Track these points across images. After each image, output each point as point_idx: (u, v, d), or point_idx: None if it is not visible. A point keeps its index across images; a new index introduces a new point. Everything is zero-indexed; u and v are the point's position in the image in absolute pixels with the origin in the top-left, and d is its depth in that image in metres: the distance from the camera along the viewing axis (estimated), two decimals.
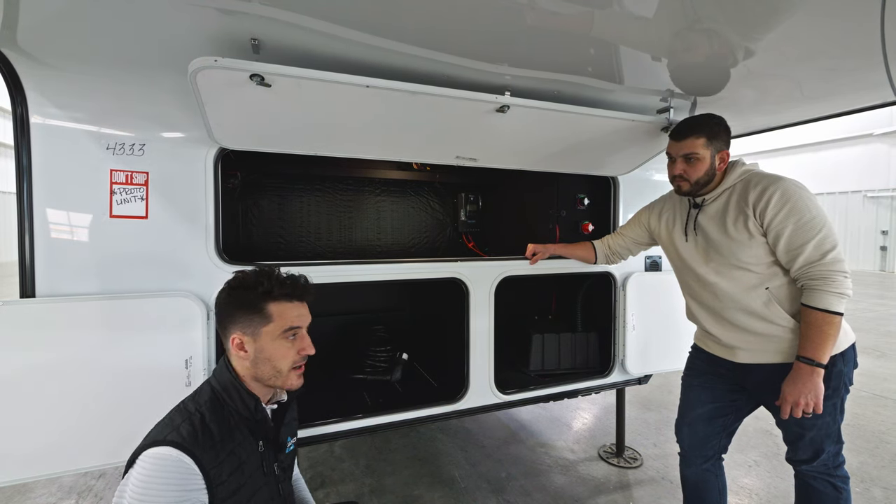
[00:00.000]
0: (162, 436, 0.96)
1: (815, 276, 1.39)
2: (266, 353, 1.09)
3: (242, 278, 1.12)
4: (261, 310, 1.09)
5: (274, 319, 1.09)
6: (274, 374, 1.10)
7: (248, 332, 1.09)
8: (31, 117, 1.44)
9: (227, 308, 1.11)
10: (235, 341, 1.09)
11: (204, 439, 0.98)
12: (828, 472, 1.51)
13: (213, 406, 1.05)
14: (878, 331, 6.44)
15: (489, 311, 2.12)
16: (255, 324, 1.09)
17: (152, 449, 0.94)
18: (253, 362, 1.09)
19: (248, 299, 1.09)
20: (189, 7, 1.17)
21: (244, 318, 1.08)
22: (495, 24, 1.26)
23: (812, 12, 1.17)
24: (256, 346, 1.08)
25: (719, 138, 1.54)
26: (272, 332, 1.09)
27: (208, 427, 1.00)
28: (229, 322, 1.10)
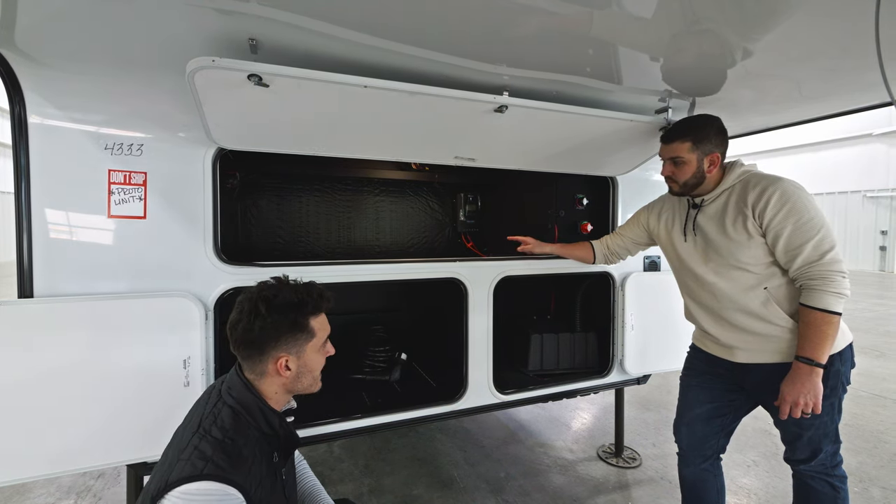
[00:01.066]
0: (198, 470, 0.91)
1: (813, 276, 1.39)
2: (308, 366, 1.12)
3: (284, 300, 1.08)
4: (305, 327, 1.09)
5: (316, 334, 1.12)
6: (311, 384, 1.14)
7: (294, 351, 1.09)
8: (29, 117, 1.44)
9: (270, 332, 1.06)
10: (282, 363, 1.07)
11: (239, 464, 0.96)
12: (826, 471, 1.51)
13: (238, 428, 1.02)
14: (878, 331, 6.44)
15: (488, 310, 2.12)
16: (301, 342, 1.09)
17: (192, 485, 0.89)
18: (294, 378, 1.10)
19: (295, 320, 1.08)
20: (187, 7, 1.17)
21: (290, 339, 1.08)
22: (494, 25, 1.26)
23: (810, 13, 1.18)
24: (300, 362, 1.10)
25: (708, 141, 1.54)
26: (315, 345, 1.12)
27: (241, 451, 0.98)
28: (272, 345, 1.07)
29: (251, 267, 1.70)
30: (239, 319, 1.08)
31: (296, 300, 1.09)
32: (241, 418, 1.04)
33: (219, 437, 0.98)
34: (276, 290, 1.09)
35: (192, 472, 0.91)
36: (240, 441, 0.99)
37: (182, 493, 0.88)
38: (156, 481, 0.93)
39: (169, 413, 1.56)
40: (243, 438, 1.01)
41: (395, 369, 2.50)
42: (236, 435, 1.00)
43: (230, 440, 0.98)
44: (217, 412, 1.04)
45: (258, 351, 1.07)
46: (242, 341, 1.07)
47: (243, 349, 1.08)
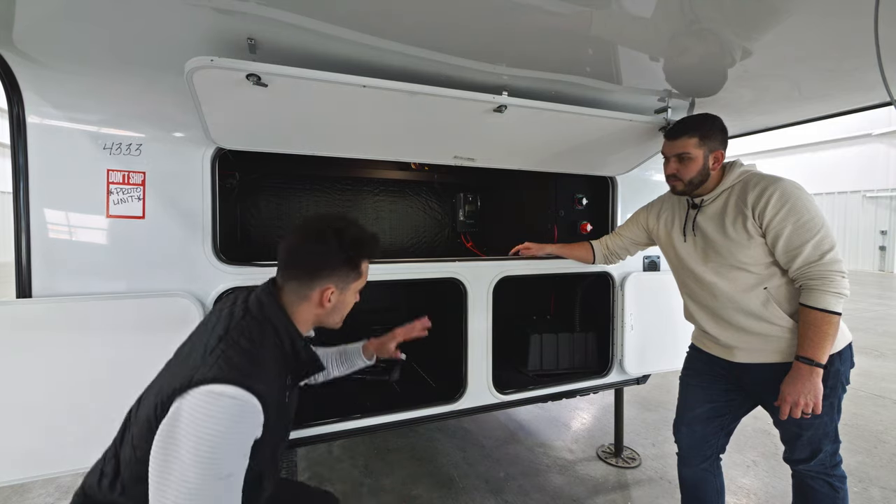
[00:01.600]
0: (225, 374, 0.91)
1: (813, 276, 1.39)
2: (344, 304, 1.15)
3: (351, 235, 1.10)
4: (358, 266, 1.13)
5: (362, 277, 1.15)
6: (338, 321, 1.17)
7: (341, 285, 1.11)
8: (28, 117, 1.44)
9: (329, 261, 1.09)
10: (327, 293, 1.09)
11: (263, 375, 0.96)
12: (825, 471, 1.51)
13: (264, 342, 1.02)
14: (877, 330, 6.45)
15: (487, 310, 2.12)
16: (350, 279, 1.12)
17: (218, 386, 0.89)
18: (330, 311, 1.13)
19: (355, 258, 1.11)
20: (185, 7, 1.17)
21: (343, 273, 1.10)
22: (493, 24, 1.26)
23: (809, 13, 1.18)
24: (341, 297, 1.13)
25: (713, 138, 1.54)
26: (356, 287, 1.16)
27: (265, 364, 0.98)
28: (326, 274, 1.09)
29: (250, 267, 1.70)
30: (301, 241, 1.09)
31: (361, 238, 1.12)
32: (267, 334, 1.04)
33: (246, 347, 0.98)
34: (345, 224, 1.11)
35: (218, 374, 0.90)
36: (265, 354, 1.00)
37: (208, 392, 0.88)
38: (178, 378, 0.92)
39: None
40: (268, 353, 1.01)
41: (395, 369, 2.50)
42: (262, 348, 1.00)
43: (256, 352, 0.99)
44: (246, 325, 1.03)
45: (309, 276, 1.08)
46: (298, 263, 1.09)
47: (295, 270, 1.09)
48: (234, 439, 0.88)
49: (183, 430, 0.86)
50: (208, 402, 0.87)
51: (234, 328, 1.02)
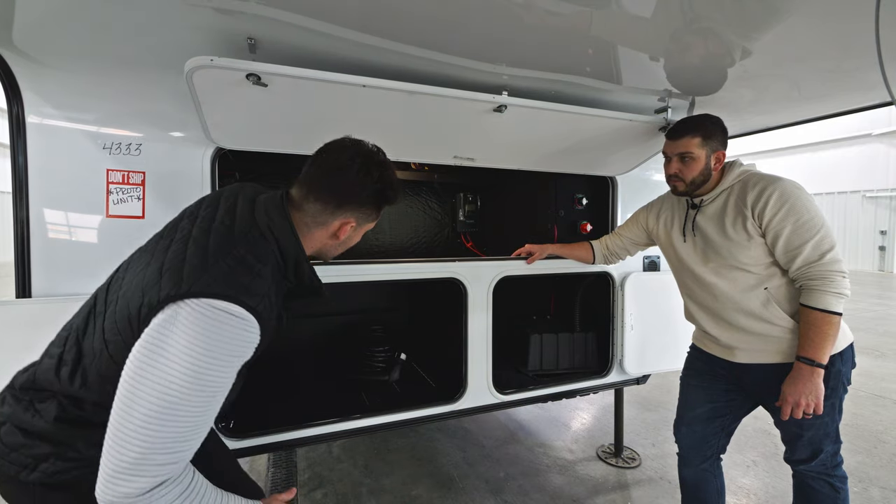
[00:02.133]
0: (232, 290, 0.85)
1: (813, 276, 1.39)
2: (352, 241, 1.13)
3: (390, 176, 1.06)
4: (380, 209, 1.10)
5: (375, 219, 1.12)
6: (336, 255, 1.15)
7: (361, 222, 1.08)
8: (28, 117, 1.44)
9: (364, 195, 1.04)
10: (347, 226, 1.06)
11: (266, 300, 0.91)
12: (826, 471, 1.51)
13: (268, 260, 0.96)
14: (877, 330, 6.45)
15: (487, 310, 2.12)
16: (370, 219, 1.09)
17: (222, 302, 0.83)
18: (339, 244, 1.10)
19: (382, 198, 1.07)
20: (185, 6, 1.17)
21: (368, 212, 1.07)
22: (493, 24, 1.26)
23: (810, 13, 1.17)
24: (352, 234, 1.10)
25: (715, 138, 1.54)
26: (367, 228, 1.13)
27: (268, 287, 0.93)
28: (354, 206, 1.04)
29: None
30: (345, 167, 1.02)
31: (396, 185, 1.08)
32: (271, 253, 0.97)
33: (252, 265, 0.92)
34: (387, 165, 1.07)
35: (224, 290, 0.84)
36: (268, 276, 0.95)
37: (210, 306, 0.82)
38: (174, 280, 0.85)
39: None
40: (270, 275, 0.96)
41: (395, 369, 2.50)
42: (265, 269, 0.95)
43: (261, 272, 0.93)
44: (253, 241, 0.96)
45: (337, 203, 1.03)
46: (333, 189, 1.02)
47: (327, 193, 1.02)
48: (227, 359, 0.84)
49: (176, 338, 0.80)
50: (209, 317, 0.82)
51: (242, 242, 0.94)
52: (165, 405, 0.78)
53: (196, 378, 0.79)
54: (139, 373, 0.79)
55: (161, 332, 0.81)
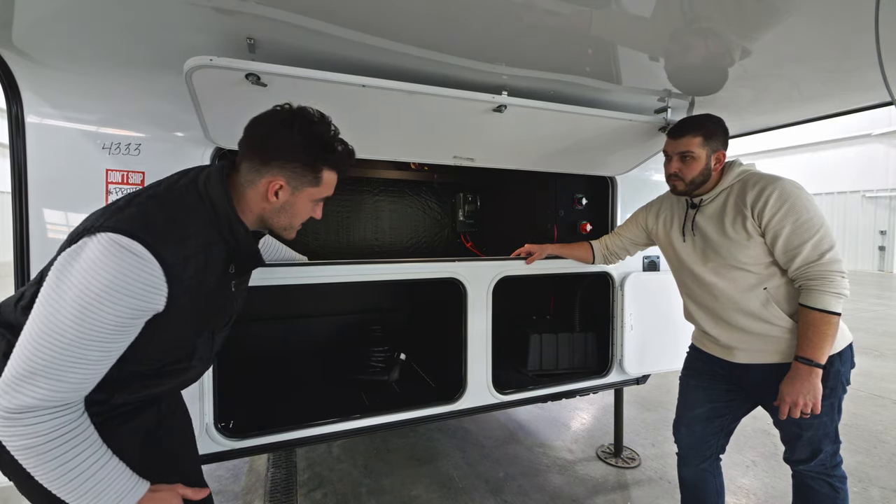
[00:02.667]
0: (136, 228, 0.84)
1: (812, 276, 1.39)
2: (294, 209, 1.06)
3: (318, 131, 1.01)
4: (318, 171, 1.03)
5: (321, 186, 1.06)
6: (284, 227, 1.09)
7: (293, 184, 1.02)
8: (27, 117, 1.44)
9: (285, 149, 0.99)
10: (274, 186, 1.00)
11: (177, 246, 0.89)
12: (825, 471, 1.51)
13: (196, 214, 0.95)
14: (877, 330, 6.45)
15: (487, 310, 2.12)
16: (304, 181, 1.02)
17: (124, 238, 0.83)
18: (276, 210, 1.04)
19: (314, 157, 1.01)
20: (184, 6, 1.17)
21: (298, 171, 1.00)
22: (493, 24, 1.26)
23: (810, 13, 1.17)
24: (289, 199, 1.04)
25: (716, 138, 1.54)
26: (312, 195, 1.06)
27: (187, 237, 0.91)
28: (279, 164, 0.99)
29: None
30: (266, 120, 1.01)
31: (327, 140, 1.02)
32: (203, 210, 0.96)
33: (174, 214, 0.91)
34: (317, 120, 1.03)
35: (129, 227, 0.85)
36: (191, 227, 0.92)
37: (111, 241, 0.83)
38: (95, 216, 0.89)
39: None
40: (196, 227, 0.93)
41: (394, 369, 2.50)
42: (191, 220, 0.93)
43: (182, 220, 0.91)
44: (185, 193, 0.96)
45: (261, 160, 0.99)
46: (255, 143, 1.00)
47: (251, 150, 1.01)
48: (116, 295, 0.81)
49: (76, 266, 0.82)
50: (109, 250, 0.82)
51: (172, 192, 0.95)
52: (51, 325, 0.80)
53: (82, 306, 0.80)
54: (42, 293, 0.83)
55: (67, 259, 0.84)
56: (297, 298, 3.05)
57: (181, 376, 1.09)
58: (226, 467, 2.65)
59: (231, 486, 2.50)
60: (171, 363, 1.04)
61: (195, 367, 1.11)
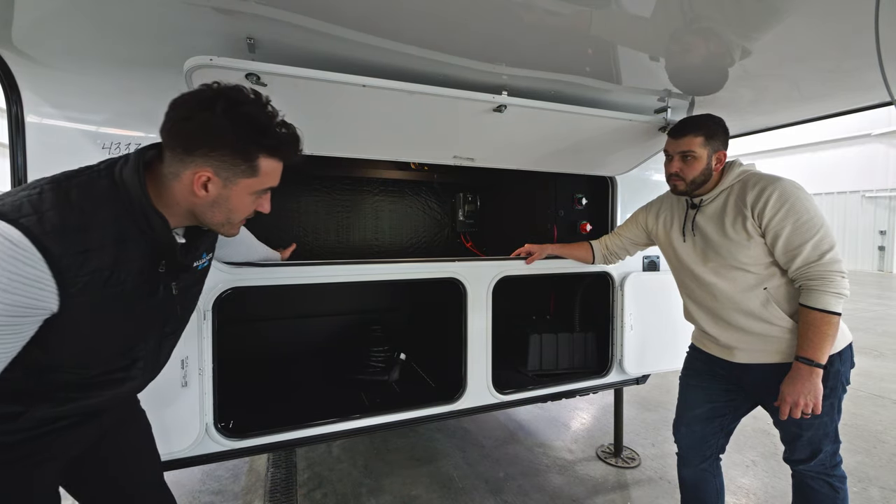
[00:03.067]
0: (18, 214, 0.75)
1: (813, 276, 1.39)
2: (230, 203, 0.92)
3: (247, 112, 0.87)
4: (252, 160, 0.89)
5: (259, 176, 0.92)
6: (223, 223, 0.96)
7: (223, 175, 0.88)
8: (27, 116, 1.43)
9: (209, 135, 0.85)
10: (201, 178, 0.87)
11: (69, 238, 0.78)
12: (825, 471, 1.51)
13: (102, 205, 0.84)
14: (876, 330, 6.45)
15: (487, 310, 2.12)
16: (238, 172, 0.89)
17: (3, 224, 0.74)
18: (208, 205, 0.91)
19: (245, 144, 0.87)
20: (184, 6, 1.17)
21: (228, 160, 0.87)
22: (493, 24, 1.26)
23: (809, 13, 1.17)
24: (223, 192, 0.90)
25: (717, 138, 1.54)
26: (250, 187, 0.92)
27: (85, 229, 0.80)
28: (203, 152, 0.85)
29: (249, 267, 1.70)
30: (185, 102, 0.86)
31: (261, 122, 0.88)
32: (116, 200, 0.85)
33: (73, 201, 0.81)
34: (246, 99, 0.88)
35: (10, 211, 0.76)
36: (97, 217, 0.82)
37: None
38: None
39: (167, 413, 1.56)
40: (104, 217, 0.83)
41: (394, 369, 2.50)
42: (98, 209, 0.82)
43: (85, 209, 0.81)
44: (98, 176, 0.86)
45: (183, 148, 0.86)
46: (175, 129, 0.86)
47: (171, 138, 0.87)
48: None
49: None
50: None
51: (79, 177, 0.85)
52: None
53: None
54: None
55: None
56: (297, 298, 3.05)
57: (119, 386, 1.00)
58: (226, 467, 2.64)
59: (231, 485, 2.50)
60: (107, 372, 0.96)
61: (135, 377, 1.02)
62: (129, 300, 0.90)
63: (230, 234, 1.02)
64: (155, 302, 0.97)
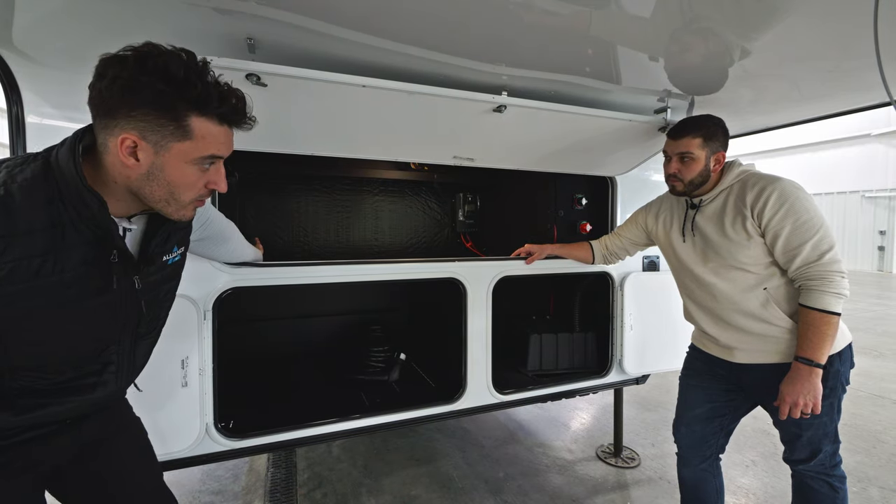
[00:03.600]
0: None
1: (812, 276, 1.39)
2: (168, 174, 0.83)
3: (167, 64, 0.77)
4: (181, 119, 0.80)
5: (194, 139, 0.82)
6: (166, 201, 0.85)
7: (151, 139, 0.79)
8: (27, 116, 1.44)
9: (125, 94, 0.77)
10: (125, 143, 0.79)
11: None
12: (825, 471, 1.51)
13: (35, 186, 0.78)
14: (876, 330, 6.45)
15: (487, 311, 2.12)
16: (166, 134, 0.80)
17: None
18: (144, 177, 0.82)
19: (166, 97, 0.77)
20: (185, 6, 1.17)
21: (152, 120, 0.78)
22: (493, 24, 1.26)
23: (809, 13, 1.18)
24: (156, 161, 0.81)
25: (716, 139, 1.54)
26: (186, 153, 0.82)
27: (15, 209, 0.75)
28: (126, 113, 0.78)
29: (250, 267, 1.70)
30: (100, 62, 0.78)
31: (180, 76, 0.77)
32: (48, 180, 0.79)
33: None
34: (164, 52, 0.78)
35: None
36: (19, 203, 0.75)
37: None
38: None
39: (167, 413, 1.56)
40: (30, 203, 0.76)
41: (394, 369, 2.50)
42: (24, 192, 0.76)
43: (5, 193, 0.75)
44: (31, 160, 0.81)
45: (106, 113, 0.79)
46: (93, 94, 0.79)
47: (92, 106, 0.80)
48: None
49: None
50: None
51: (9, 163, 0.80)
52: None
53: None
54: None
55: None
56: (297, 298, 3.05)
57: (90, 392, 0.94)
58: (226, 467, 2.64)
59: (231, 485, 2.50)
60: (75, 378, 0.91)
61: (108, 381, 0.97)
62: (73, 293, 0.83)
63: (183, 217, 0.90)
64: (112, 297, 0.89)
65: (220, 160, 0.89)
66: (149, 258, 0.95)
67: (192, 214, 0.91)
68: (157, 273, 1.00)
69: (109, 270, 0.87)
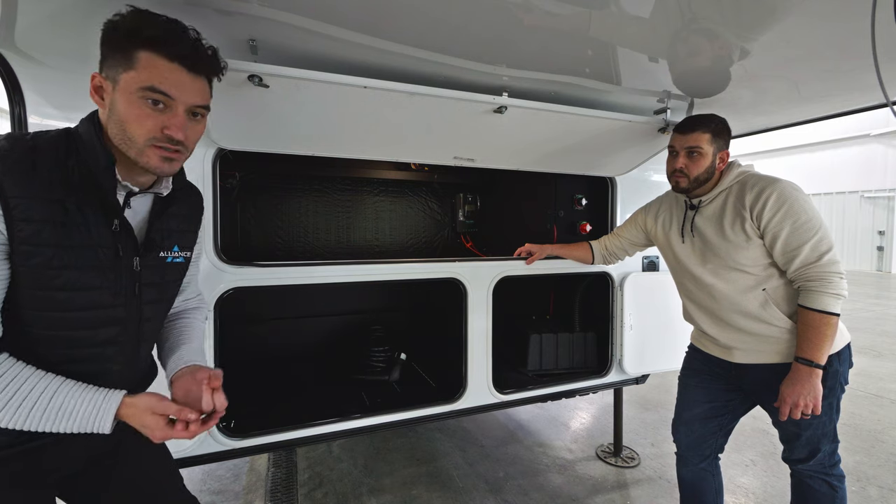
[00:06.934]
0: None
1: (811, 277, 1.40)
2: (118, 108, 0.84)
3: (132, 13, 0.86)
4: (127, 49, 0.83)
5: (136, 68, 0.83)
6: (124, 141, 0.85)
7: (110, 75, 0.85)
8: (29, 117, 1.44)
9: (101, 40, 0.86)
10: (93, 82, 0.86)
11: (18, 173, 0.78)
12: (824, 471, 1.52)
13: (56, 143, 0.85)
14: (875, 330, 6.46)
15: (487, 311, 2.12)
16: (117, 66, 0.84)
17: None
18: (108, 118, 0.87)
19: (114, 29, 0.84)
20: (187, 7, 1.17)
21: (108, 56, 0.85)
22: (493, 26, 1.27)
23: (808, 14, 1.18)
24: (113, 97, 0.85)
25: (722, 137, 1.55)
26: (130, 82, 0.83)
27: (33, 167, 0.80)
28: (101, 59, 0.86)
29: (251, 267, 1.70)
30: None
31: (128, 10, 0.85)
32: (69, 138, 0.87)
33: (25, 136, 0.83)
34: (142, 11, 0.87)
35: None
36: (46, 161, 0.82)
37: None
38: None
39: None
40: (52, 156, 0.83)
41: (395, 369, 2.51)
42: (48, 147, 0.83)
43: (33, 147, 0.82)
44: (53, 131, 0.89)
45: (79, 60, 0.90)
46: None
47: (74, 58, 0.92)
48: None
49: None
50: None
51: (35, 132, 0.87)
52: None
53: None
54: None
55: None
56: (298, 298, 3.06)
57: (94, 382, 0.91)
58: (226, 467, 2.65)
59: (232, 485, 2.51)
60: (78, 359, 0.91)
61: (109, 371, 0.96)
62: (78, 251, 0.85)
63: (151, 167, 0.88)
64: (113, 266, 0.90)
65: (174, 102, 0.86)
66: (149, 242, 0.98)
67: (156, 162, 0.87)
68: (157, 265, 1.01)
69: (111, 238, 0.89)
